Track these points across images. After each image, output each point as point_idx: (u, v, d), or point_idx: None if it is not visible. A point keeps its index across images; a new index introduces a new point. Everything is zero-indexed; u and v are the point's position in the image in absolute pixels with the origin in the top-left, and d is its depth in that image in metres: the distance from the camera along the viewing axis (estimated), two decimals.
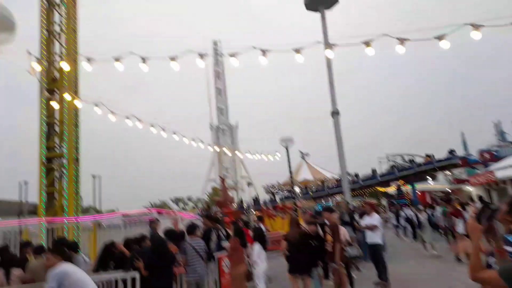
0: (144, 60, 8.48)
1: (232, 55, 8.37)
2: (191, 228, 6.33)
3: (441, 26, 7.92)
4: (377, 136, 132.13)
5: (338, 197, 42.47)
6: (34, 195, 15.83)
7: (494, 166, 17.89)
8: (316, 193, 45.47)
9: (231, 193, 19.91)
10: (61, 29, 13.43)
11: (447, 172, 39.12)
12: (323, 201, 42.29)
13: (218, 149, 53.28)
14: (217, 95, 69.85)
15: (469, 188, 27.57)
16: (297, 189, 45.18)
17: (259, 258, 6.67)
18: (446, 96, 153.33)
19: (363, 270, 10.07)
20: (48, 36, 13.28)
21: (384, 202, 42.87)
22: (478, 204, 11.85)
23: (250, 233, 9.50)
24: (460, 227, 9.96)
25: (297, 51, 8.39)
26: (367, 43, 7.96)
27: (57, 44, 13.44)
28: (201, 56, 8.55)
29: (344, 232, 7.95)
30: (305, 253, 6.49)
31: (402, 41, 7.64)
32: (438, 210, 13.02)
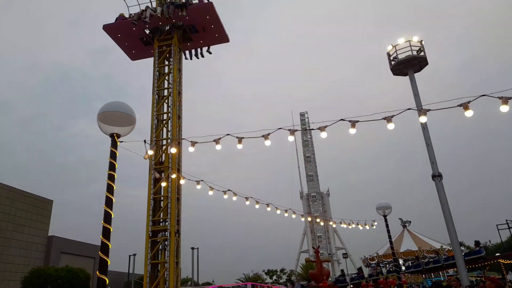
0: (240, 140, 9.20)
1: (321, 129, 8.60)
2: None
3: None
4: (492, 199, 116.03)
5: (450, 271, 37.19)
6: (141, 267, 17.08)
7: None
8: (428, 266, 40.45)
9: (326, 266, 18.90)
10: (168, 116, 15.42)
11: None
12: (432, 275, 37.32)
13: (309, 219, 52.09)
14: (306, 163, 70.30)
15: None
16: (400, 261, 40.88)
17: None
18: None
19: None
20: (157, 124, 15.33)
21: (511, 277, 36.15)
22: None
23: None
24: None
25: (388, 120, 8.29)
26: (465, 106, 7.55)
27: (164, 130, 15.39)
28: (291, 131, 8.97)
29: None
30: None
31: (506, 100, 7.09)
32: None
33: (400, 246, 46.85)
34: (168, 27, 16.64)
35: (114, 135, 5.31)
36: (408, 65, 17.87)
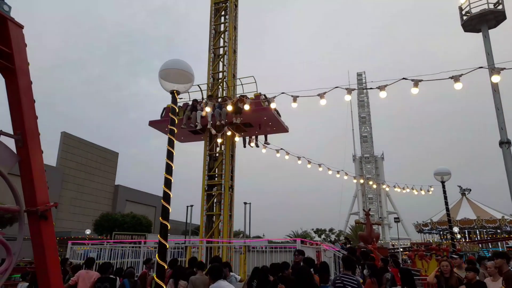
0: (294, 98, 9.20)
1: (380, 88, 8.31)
2: (347, 262, 5.85)
3: None
4: None
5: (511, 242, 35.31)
6: (197, 218, 18.29)
7: None
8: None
9: (376, 229, 18.80)
10: (223, 75, 15.65)
11: None
12: (490, 246, 35.73)
13: (362, 181, 51.27)
14: (361, 124, 68.06)
15: None
16: (455, 229, 39.48)
17: None
18: None
19: None
20: (213, 83, 15.66)
21: None
22: None
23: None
24: None
25: (456, 79, 7.75)
26: None
27: (220, 89, 15.70)
28: (348, 90, 8.77)
29: None
30: None
31: None
32: None
33: (457, 214, 45.05)
34: None
35: (174, 91, 5.58)
36: (482, 20, 16.19)
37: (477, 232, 45.69)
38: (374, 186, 49.56)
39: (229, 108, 12.66)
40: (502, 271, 6.11)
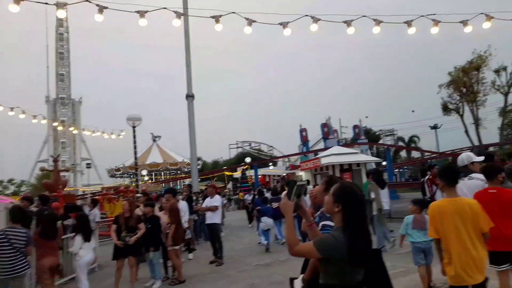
0: None
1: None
2: (12, 214, 4.95)
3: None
4: (232, 121, 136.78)
5: (187, 181, 42.56)
6: None
7: (319, 154, 20.73)
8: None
9: (66, 175, 17.48)
10: None
11: (286, 159, 44.03)
12: (171, 184, 41.76)
13: (59, 126, 46.22)
14: (58, 60, 59.94)
15: (301, 173, 31.34)
16: (144, 172, 43.32)
17: (82, 249, 5.82)
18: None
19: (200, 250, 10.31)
20: None
21: (230, 185, 45.20)
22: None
23: None
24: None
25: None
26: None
27: None
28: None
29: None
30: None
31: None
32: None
33: (147, 158, 49.58)
34: None
35: None
36: None
37: (162, 174, 52.10)
38: (74, 131, 45.44)
39: None
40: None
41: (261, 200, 11.00)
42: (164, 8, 7.34)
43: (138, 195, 11.75)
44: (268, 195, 12.11)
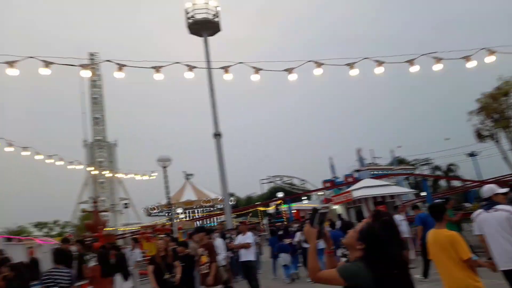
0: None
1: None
2: (56, 256, 5.29)
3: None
4: (260, 158, 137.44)
5: (223, 218, 42.67)
6: None
7: (351, 188, 20.44)
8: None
9: (105, 216, 18.28)
10: None
11: (319, 193, 43.46)
12: (206, 222, 42.03)
13: (94, 171, 48.51)
14: (93, 105, 63.49)
15: (335, 207, 30.76)
16: (179, 210, 44.01)
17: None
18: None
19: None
20: None
21: (265, 221, 44.82)
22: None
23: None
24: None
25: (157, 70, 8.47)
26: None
27: None
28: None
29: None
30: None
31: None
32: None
33: (182, 196, 50.47)
34: None
35: None
36: (204, 27, 17.88)
37: (196, 211, 52.62)
38: (110, 173, 47.68)
39: None
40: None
41: (277, 238, 11.59)
42: (177, 62, 8.26)
43: (161, 235, 11.98)
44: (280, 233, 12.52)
